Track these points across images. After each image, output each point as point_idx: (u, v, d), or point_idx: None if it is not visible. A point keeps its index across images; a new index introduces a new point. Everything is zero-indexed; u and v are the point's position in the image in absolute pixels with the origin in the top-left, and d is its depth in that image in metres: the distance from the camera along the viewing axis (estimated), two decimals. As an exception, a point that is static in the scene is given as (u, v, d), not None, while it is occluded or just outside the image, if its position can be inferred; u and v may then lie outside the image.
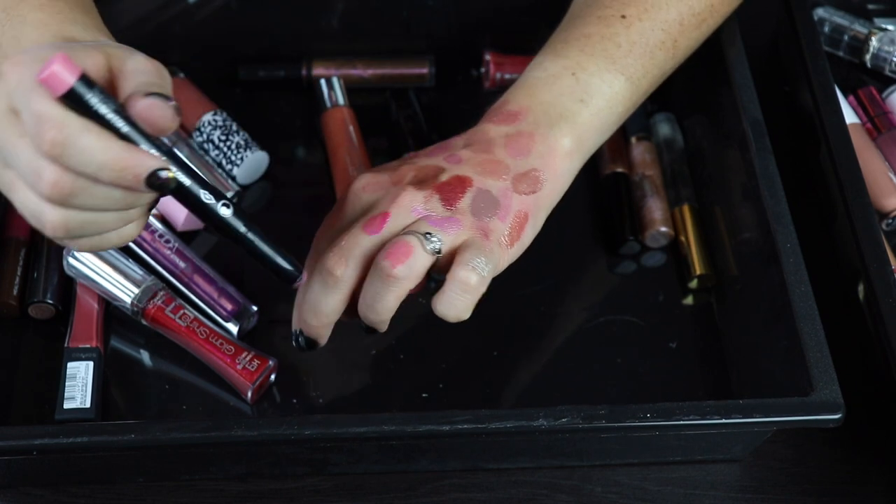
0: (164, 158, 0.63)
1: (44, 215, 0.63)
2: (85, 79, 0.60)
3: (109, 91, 0.62)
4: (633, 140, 0.93)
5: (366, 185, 0.74)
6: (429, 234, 0.70)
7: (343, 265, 0.71)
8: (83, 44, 0.65)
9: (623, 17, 0.78)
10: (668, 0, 0.79)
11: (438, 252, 0.70)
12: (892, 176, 0.90)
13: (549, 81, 0.77)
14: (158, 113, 0.62)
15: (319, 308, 0.72)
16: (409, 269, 0.70)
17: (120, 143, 0.61)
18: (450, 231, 0.71)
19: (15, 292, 0.84)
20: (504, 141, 0.75)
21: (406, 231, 0.71)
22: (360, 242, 0.71)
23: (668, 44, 0.80)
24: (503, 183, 0.73)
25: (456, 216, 0.72)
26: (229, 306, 0.83)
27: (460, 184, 0.73)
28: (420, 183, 0.73)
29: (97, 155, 0.61)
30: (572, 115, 0.76)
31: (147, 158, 0.62)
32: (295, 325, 0.74)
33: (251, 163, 0.91)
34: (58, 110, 0.60)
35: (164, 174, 0.62)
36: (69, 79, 0.60)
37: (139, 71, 0.63)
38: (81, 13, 0.70)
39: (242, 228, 0.67)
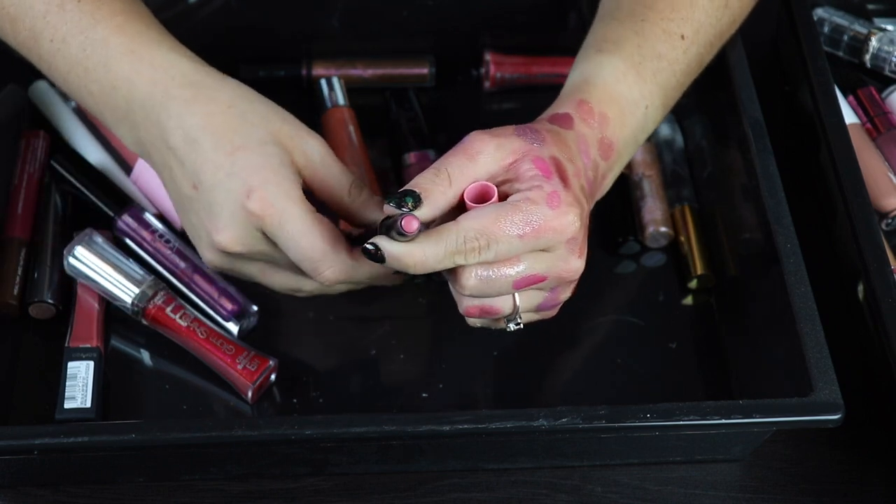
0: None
1: (303, 289, 0.77)
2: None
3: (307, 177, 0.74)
4: (633, 140, 0.93)
5: (512, 164, 0.71)
6: (519, 322, 0.73)
7: (476, 257, 0.69)
8: (275, 148, 0.72)
9: (682, 37, 0.78)
10: (711, 22, 0.80)
11: (511, 329, 0.74)
12: (891, 176, 0.90)
13: (632, 110, 0.76)
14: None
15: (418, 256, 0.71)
16: (479, 321, 0.74)
17: (382, 269, 0.72)
18: (544, 316, 0.75)
19: (15, 292, 0.84)
20: (603, 176, 0.76)
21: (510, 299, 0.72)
22: (511, 249, 0.70)
23: (699, 67, 0.81)
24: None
25: (563, 296, 0.74)
26: (229, 306, 0.83)
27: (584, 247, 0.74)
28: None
29: (366, 277, 0.75)
30: (628, 156, 0.78)
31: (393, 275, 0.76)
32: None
33: (251, 163, 0.91)
34: (336, 255, 0.72)
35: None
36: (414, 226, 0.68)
37: (328, 164, 0.74)
38: (157, 31, 0.75)
39: None
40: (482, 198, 0.70)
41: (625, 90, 0.76)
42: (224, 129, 0.71)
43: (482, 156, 0.70)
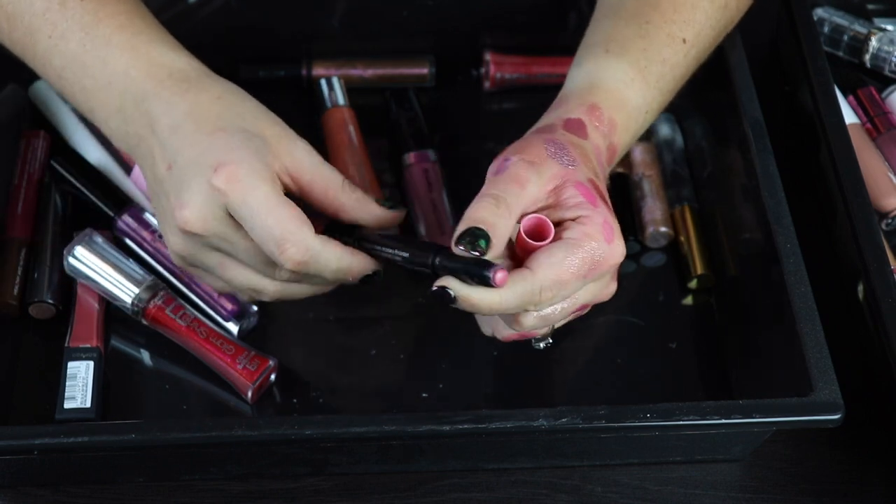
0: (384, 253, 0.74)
1: (265, 290, 0.75)
2: None
3: (288, 178, 0.73)
4: (633, 140, 0.93)
5: (558, 188, 0.71)
6: (550, 341, 0.74)
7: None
8: (255, 139, 0.72)
9: (684, 41, 0.78)
10: (711, 24, 0.80)
11: (541, 347, 0.75)
12: (891, 176, 0.90)
13: (636, 117, 0.77)
14: (398, 218, 0.76)
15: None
16: (513, 340, 0.75)
17: (350, 255, 0.73)
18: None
19: (15, 292, 0.84)
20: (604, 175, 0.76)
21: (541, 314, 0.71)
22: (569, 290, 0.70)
23: (694, 69, 0.81)
24: None
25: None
26: (229, 306, 0.83)
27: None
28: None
29: (332, 267, 0.72)
30: (624, 153, 0.78)
31: (368, 264, 0.74)
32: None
33: (251, 163, 0.91)
34: (301, 233, 0.70)
35: (378, 274, 0.75)
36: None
37: (318, 165, 0.74)
38: (157, 31, 0.76)
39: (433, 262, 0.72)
40: (540, 233, 0.69)
41: (632, 96, 0.76)
42: (209, 114, 0.72)
43: (530, 184, 0.70)
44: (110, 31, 0.74)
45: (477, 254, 0.67)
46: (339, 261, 0.72)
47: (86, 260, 0.82)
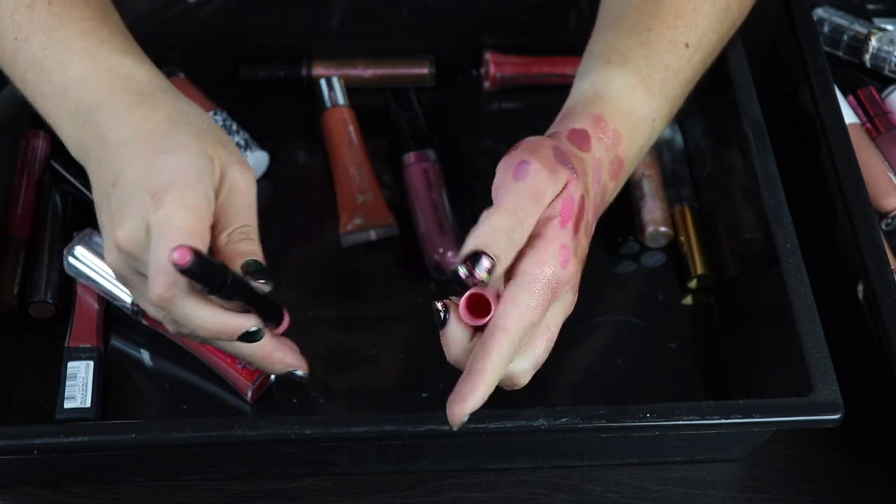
0: (256, 318, 0.69)
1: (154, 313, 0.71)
2: (197, 260, 0.63)
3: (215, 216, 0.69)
4: (633, 140, 0.93)
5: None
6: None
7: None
8: (200, 158, 0.69)
9: (687, 45, 0.78)
10: (714, 28, 0.79)
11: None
12: (891, 176, 0.90)
13: (641, 127, 0.76)
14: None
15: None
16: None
17: (218, 314, 0.68)
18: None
19: (15, 292, 0.84)
20: (611, 194, 0.75)
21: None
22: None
23: (701, 73, 0.80)
24: None
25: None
26: (229, 306, 0.83)
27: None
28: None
29: (196, 319, 0.68)
30: (634, 167, 0.77)
31: (242, 323, 0.69)
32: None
33: (251, 163, 0.91)
34: (172, 269, 0.64)
35: (254, 330, 0.70)
36: (187, 258, 0.63)
37: (233, 197, 0.70)
38: (123, 40, 0.74)
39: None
40: (481, 308, 0.67)
41: (636, 105, 0.75)
42: (157, 134, 0.70)
43: (546, 197, 0.69)
44: (72, 36, 0.73)
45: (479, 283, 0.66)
46: (204, 318, 0.68)
47: (86, 260, 0.82)
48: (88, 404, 0.79)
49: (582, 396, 0.83)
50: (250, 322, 0.69)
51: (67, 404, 0.79)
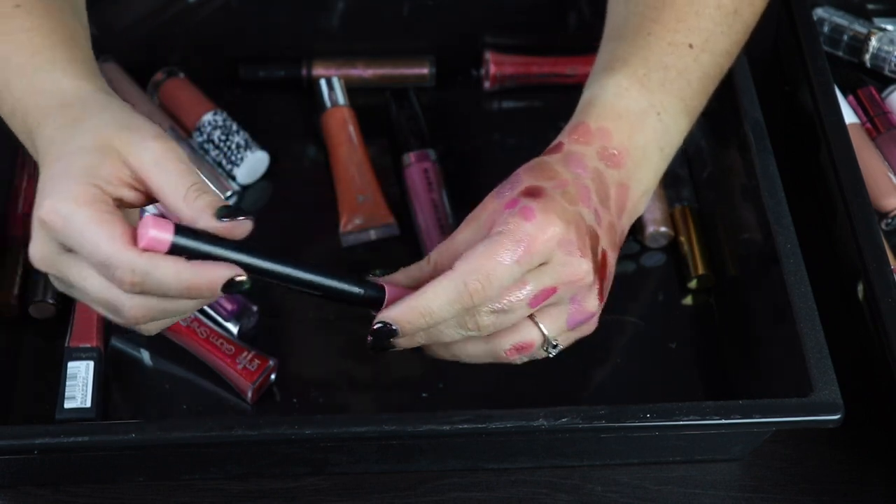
0: (237, 259, 0.65)
1: (123, 312, 0.67)
2: (179, 230, 0.63)
3: (138, 184, 0.67)
4: (633, 140, 0.93)
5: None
6: (556, 345, 0.72)
7: (490, 319, 0.70)
8: (90, 154, 0.67)
9: (690, 46, 0.78)
10: (722, 30, 0.79)
11: (552, 354, 0.73)
12: (891, 176, 0.90)
13: (641, 119, 0.75)
14: (239, 230, 0.66)
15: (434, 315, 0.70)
16: (520, 358, 0.72)
17: (190, 268, 0.64)
18: (582, 332, 0.74)
19: (15, 292, 0.84)
20: (616, 193, 0.74)
21: (538, 328, 0.71)
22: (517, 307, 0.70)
23: (719, 74, 0.80)
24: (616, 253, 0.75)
25: (596, 314, 0.73)
26: (229, 306, 0.83)
27: (605, 267, 0.73)
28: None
29: (172, 284, 0.64)
30: (653, 165, 0.76)
31: (218, 272, 0.65)
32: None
33: (251, 163, 0.91)
34: (122, 254, 0.63)
35: (238, 279, 0.65)
36: (167, 237, 0.63)
37: (162, 167, 0.67)
38: (58, 49, 0.72)
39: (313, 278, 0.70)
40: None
41: (629, 103, 0.75)
42: (59, 142, 0.69)
43: (461, 234, 0.72)
44: (11, 51, 0.71)
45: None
46: (178, 275, 0.65)
47: (86, 260, 0.82)
48: (88, 404, 0.79)
49: (582, 396, 0.83)
50: (227, 272, 0.65)
51: (67, 404, 0.79)
